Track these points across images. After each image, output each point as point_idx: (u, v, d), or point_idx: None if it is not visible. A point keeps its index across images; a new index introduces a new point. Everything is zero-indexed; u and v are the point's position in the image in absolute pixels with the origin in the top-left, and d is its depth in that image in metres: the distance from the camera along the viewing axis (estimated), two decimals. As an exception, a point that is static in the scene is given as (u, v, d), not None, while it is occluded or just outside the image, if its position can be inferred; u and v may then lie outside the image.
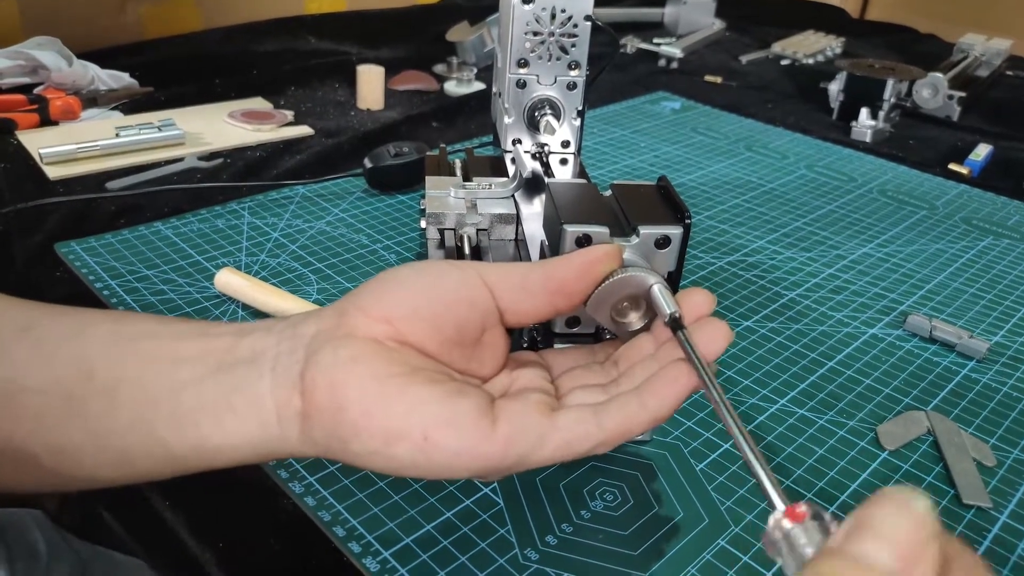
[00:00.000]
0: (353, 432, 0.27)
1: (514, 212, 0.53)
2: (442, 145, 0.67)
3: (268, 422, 0.27)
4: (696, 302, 0.31)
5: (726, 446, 0.42)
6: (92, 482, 0.30)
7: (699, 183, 0.76)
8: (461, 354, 0.30)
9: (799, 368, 0.48)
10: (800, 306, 0.55)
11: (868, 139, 0.90)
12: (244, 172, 0.71)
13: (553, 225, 0.38)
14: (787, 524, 0.21)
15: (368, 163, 0.67)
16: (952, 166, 0.84)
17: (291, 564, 0.34)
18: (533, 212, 0.54)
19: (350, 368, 0.27)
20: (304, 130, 0.81)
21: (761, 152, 0.85)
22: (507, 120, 0.60)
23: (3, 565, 0.49)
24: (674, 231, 0.36)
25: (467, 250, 0.49)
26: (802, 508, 0.21)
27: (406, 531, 0.35)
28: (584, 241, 0.36)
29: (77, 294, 0.52)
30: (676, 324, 0.30)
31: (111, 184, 0.66)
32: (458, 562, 0.34)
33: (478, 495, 0.37)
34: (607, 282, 0.35)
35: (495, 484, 0.38)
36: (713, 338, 0.30)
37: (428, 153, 0.67)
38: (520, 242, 0.52)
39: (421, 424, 0.26)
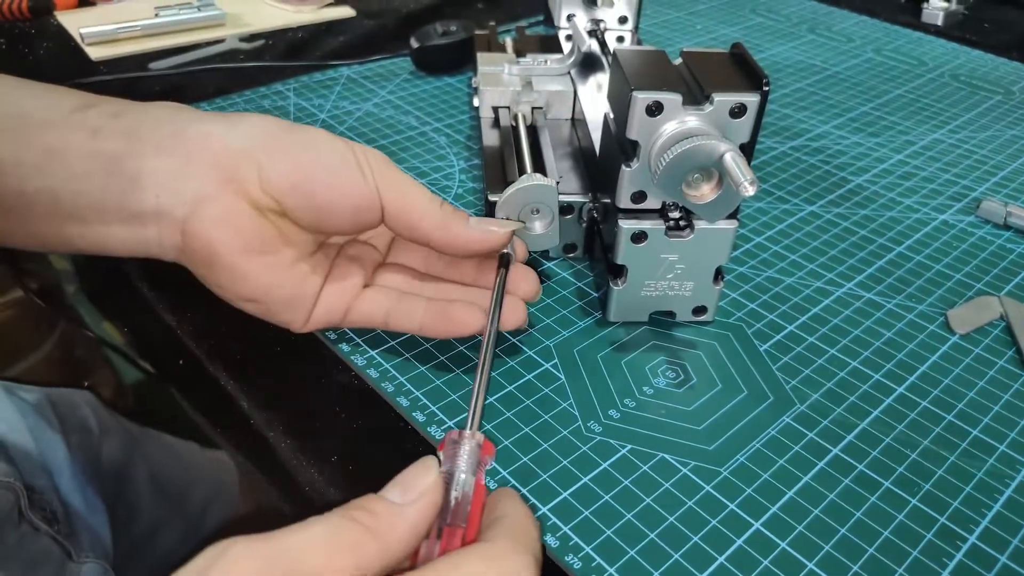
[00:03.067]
0: (216, 284, 0.32)
1: (571, 89, 0.50)
2: (491, 23, 0.64)
3: (151, 241, 0.32)
4: (523, 274, 0.35)
5: (791, 328, 0.41)
6: (19, 248, 0.34)
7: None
8: (331, 236, 0.35)
9: (866, 253, 0.47)
10: (867, 191, 0.53)
11: (940, 22, 0.84)
12: (286, 53, 0.69)
13: (621, 93, 0.36)
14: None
15: (415, 43, 0.65)
16: (1031, 50, 0.78)
17: (357, 431, 0.34)
18: (590, 91, 0.51)
19: (230, 236, 0.31)
20: (345, 11, 0.78)
21: (825, 35, 0.80)
22: (562, -7, 0.57)
23: (58, 438, 0.52)
24: (751, 98, 0.34)
25: (522, 129, 0.47)
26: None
27: (468, 402, 0.35)
28: (655, 109, 0.34)
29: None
30: (504, 261, 0.34)
31: (154, 65, 0.65)
32: (522, 432, 0.34)
33: (539, 370, 0.37)
34: (679, 153, 0.33)
35: (556, 360, 0.38)
36: (525, 279, 0.35)
37: (477, 32, 0.64)
38: (577, 121, 0.50)
39: (266, 301, 0.33)
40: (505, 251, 0.35)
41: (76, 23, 0.69)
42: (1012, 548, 0.30)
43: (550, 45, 0.59)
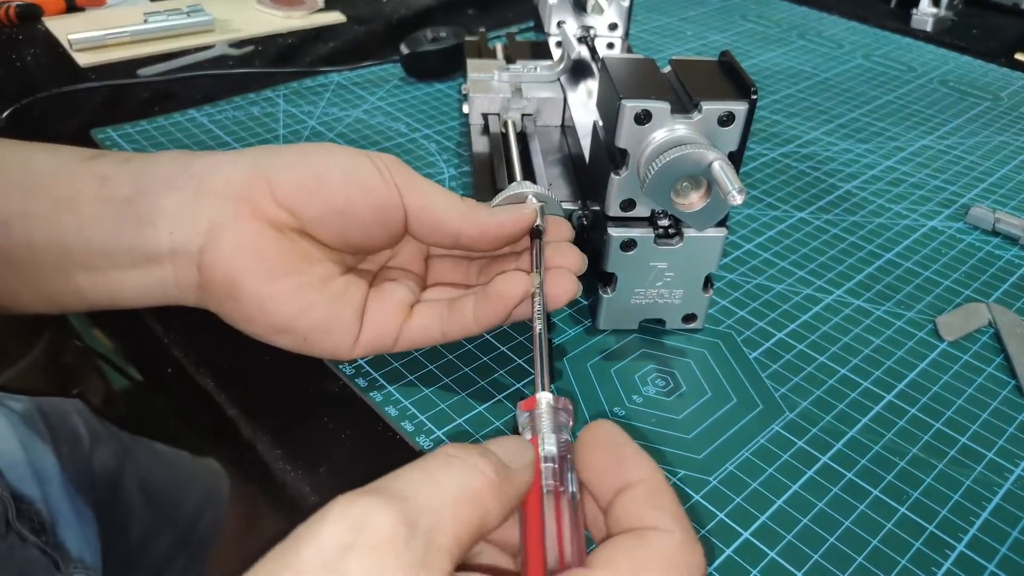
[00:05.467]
0: (244, 318, 0.31)
1: (561, 96, 0.50)
2: (481, 30, 0.64)
3: (167, 283, 0.30)
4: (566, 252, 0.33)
5: (780, 335, 0.41)
6: (29, 312, 0.33)
7: (750, 73, 0.72)
8: (357, 250, 0.33)
9: (856, 260, 0.47)
10: (857, 198, 0.53)
11: (929, 28, 0.85)
12: (276, 59, 0.69)
13: (610, 102, 0.36)
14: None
15: (405, 49, 0.64)
16: (1018, 56, 0.79)
17: (345, 440, 0.34)
18: (580, 98, 0.51)
19: (251, 261, 0.29)
20: (336, 17, 0.78)
21: (815, 41, 0.80)
22: (552, 0, 0.57)
23: (48, 448, 0.51)
24: (739, 107, 0.34)
25: (512, 136, 0.47)
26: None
27: (457, 412, 0.35)
28: (643, 117, 0.34)
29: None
30: (536, 233, 0.33)
31: (143, 71, 0.65)
32: (511, 442, 0.34)
33: (528, 378, 0.37)
34: (667, 161, 0.33)
35: (545, 369, 0.38)
36: (566, 254, 0.33)
37: (467, 38, 0.64)
38: (567, 128, 0.50)
39: (305, 328, 0.31)
40: (536, 225, 0.33)
41: (64, 29, 0.69)
42: (1000, 556, 0.30)
43: (540, 51, 0.59)
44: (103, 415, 0.61)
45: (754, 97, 0.34)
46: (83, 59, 0.66)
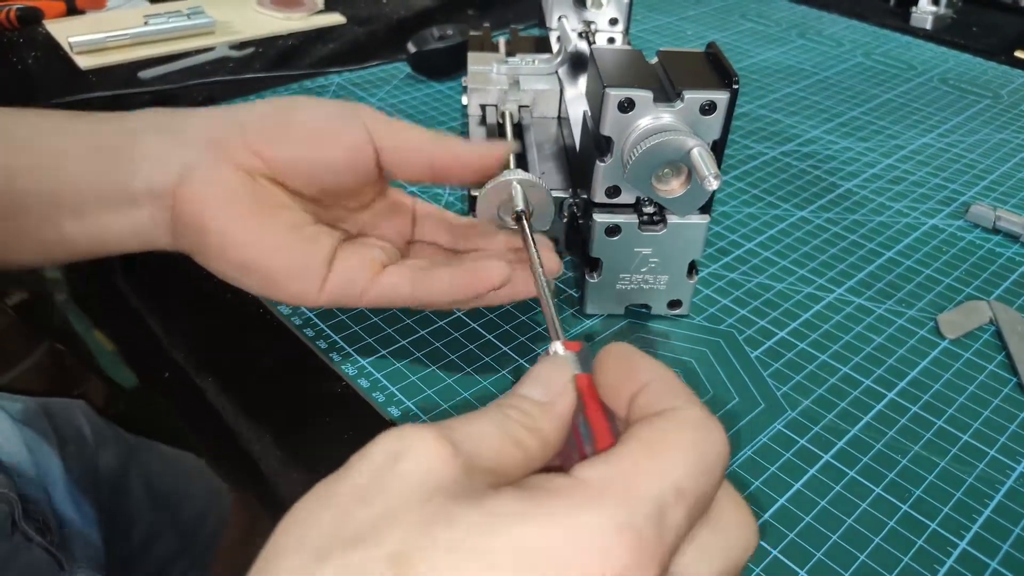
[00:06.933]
0: (212, 254, 0.31)
1: (557, 88, 0.50)
2: (485, 25, 0.64)
3: (146, 224, 0.31)
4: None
5: (782, 334, 0.41)
6: (19, 267, 0.34)
7: (750, 71, 0.72)
8: (332, 198, 0.33)
9: (856, 258, 0.47)
10: (858, 196, 0.53)
11: (928, 26, 0.85)
12: (277, 61, 0.69)
13: (596, 90, 0.36)
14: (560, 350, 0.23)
15: (412, 47, 0.64)
16: (1018, 53, 0.79)
17: (347, 441, 0.34)
18: (577, 92, 0.51)
19: (219, 200, 0.30)
20: (336, 18, 0.78)
21: (815, 39, 0.80)
22: (553, -4, 0.57)
23: (54, 449, 0.51)
24: (720, 96, 0.34)
25: (508, 127, 0.47)
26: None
27: (461, 412, 0.35)
28: (627, 105, 0.34)
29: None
30: (521, 216, 0.33)
31: (144, 74, 0.65)
32: (512, 441, 0.34)
33: (513, 365, 0.37)
34: (647, 148, 0.33)
35: (536, 354, 0.38)
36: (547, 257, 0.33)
37: (472, 33, 0.64)
38: (563, 120, 0.50)
39: (270, 268, 0.31)
40: (519, 208, 0.34)
41: (65, 32, 0.69)
42: (1003, 553, 0.30)
43: (542, 46, 0.59)
44: (105, 415, 0.61)
45: (735, 87, 0.34)
46: (84, 62, 0.66)
